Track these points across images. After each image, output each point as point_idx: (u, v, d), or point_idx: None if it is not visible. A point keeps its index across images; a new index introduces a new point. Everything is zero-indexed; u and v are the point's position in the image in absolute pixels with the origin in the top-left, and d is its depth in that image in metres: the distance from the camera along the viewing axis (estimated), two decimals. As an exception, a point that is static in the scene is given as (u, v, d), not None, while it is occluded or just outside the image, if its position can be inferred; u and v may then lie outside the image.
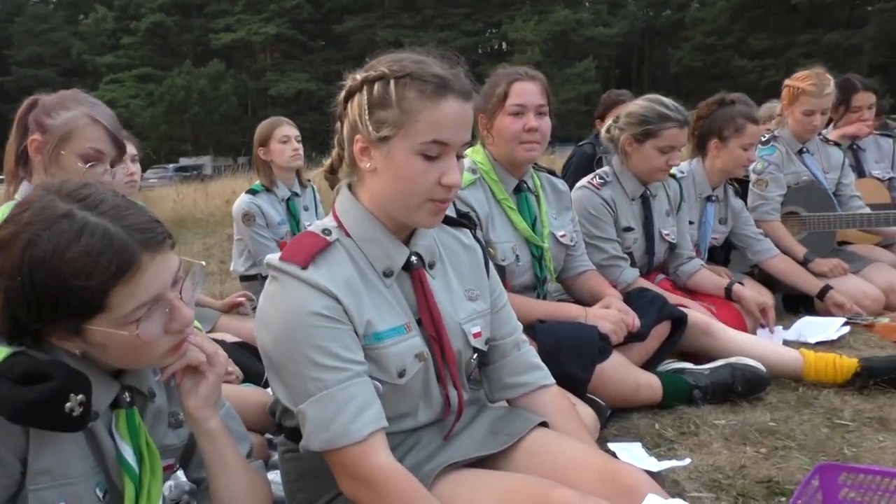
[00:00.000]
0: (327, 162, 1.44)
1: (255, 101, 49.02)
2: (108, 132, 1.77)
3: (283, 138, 3.44)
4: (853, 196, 3.65)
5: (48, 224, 1.01)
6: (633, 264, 2.77)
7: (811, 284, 3.23)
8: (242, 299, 3.03)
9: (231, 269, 3.86)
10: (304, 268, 1.25)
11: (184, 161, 36.41)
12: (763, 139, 3.51)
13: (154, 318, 1.07)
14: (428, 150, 1.25)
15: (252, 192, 3.51)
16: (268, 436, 2.18)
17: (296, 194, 3.60)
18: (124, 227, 1.03)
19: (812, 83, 3.42)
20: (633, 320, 2.22)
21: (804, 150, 3.57)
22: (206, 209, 12.13)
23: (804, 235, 3.49)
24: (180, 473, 1.83)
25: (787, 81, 3.56)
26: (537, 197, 2.34)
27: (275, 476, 1.59)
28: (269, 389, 2.26)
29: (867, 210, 3.60)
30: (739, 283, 2.98)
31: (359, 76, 1.31)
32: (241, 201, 3.50)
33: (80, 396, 1.03)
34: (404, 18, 46.29)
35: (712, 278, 2.98)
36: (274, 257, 1.30)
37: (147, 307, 1.05)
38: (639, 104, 2.76)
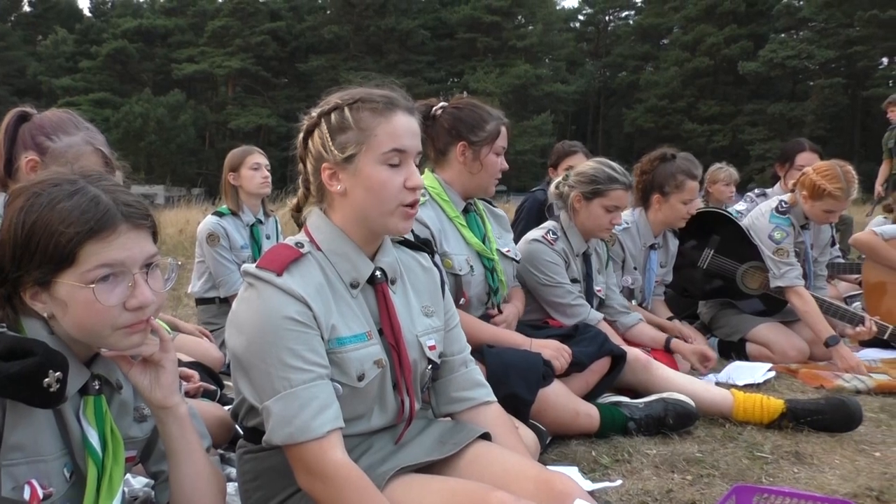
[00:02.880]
0: (293, 201, 1.57)
1: (214, 134, 48.77)
2: (104, 159, 1.84)
3: (255, 165, 3.59)
4: (820, 276, 3.82)
5: (55, 184, 1.17)
6: None
7: (824, 330, 3.33)
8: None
9: (189, 290, 3.90)
10: (280, 275, 1.37)
11: (135, 189, 35.65)
12: (781, 209, 3.56)
13: (116, 285, 1.16)
14: (390, 159, 1.42)
15: (219, 214, 3.61)
16: (220, 451, 2.24)
17: (259, 221, 3.71)
18: (113, 198, 1.18)
19: (839, 187, 3.35)
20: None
21: (806, 225, 3.64)
22: (159, 238, 11.97)
23: (760, 292, 3.68)
24: (134, 481, 1.89)
25: (812, 175, 3.44)
26: (481, 217, 2.52)
27: (230, 488, 1.66)
28: (226, 407, 2.34)
29: (827, 291, 3.80)
30: (678, 337, 3.13)
31: (314, 113, 1.48)
32: (207, 222, 3.59)
33: (58, 373, 1.11)
34: (368, 62, 46.94)
35: (651, 332, 3.13)
36: (251, 266, 1.42)
37: (110, 269, 1.15)
38: (589, 165, 2.96)
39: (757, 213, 3.69)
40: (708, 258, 3.82)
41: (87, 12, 56.95)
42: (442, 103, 2.44)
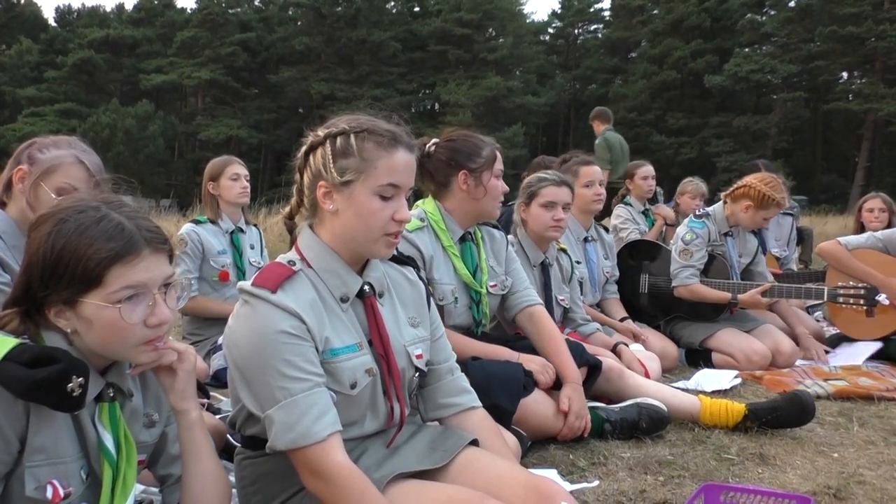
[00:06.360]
0: (286, 209, 1.66)
1: (184, 145, 48.28)
2: (88, 173, 1.91)
3: (234, 176, 3.68)
4: (760, 273, 4.02)
5: (80, 210, 1.25)
6: None
7: (722, 297, 3.71)
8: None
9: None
10: (274, 292, 1.46)
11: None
12: (698, 214, 3.91)
13: (138, 304, 1.25)
14: (384, 192, 1.51)
15: (196, 221, 3.69)
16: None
17: (240, 229, 3.78)
18: (136, 224, 1.26)
19: (783, 196, 3.70)
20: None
21: (730, 233, 3.90)
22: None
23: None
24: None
25: (759, 186, 3.70)
26: (478, 247, 2.60)
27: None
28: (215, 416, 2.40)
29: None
30: (624, 343, 3.27)
31: (321, 132, 1.56)
32: (182, 229, 3.67)
33: (80, 379, 1.20)
34: (340, 73, 46.93)
35: (603, 339, 3.28)
36: (246, 283, 1.50)
37: (134, 290, 1.24)
38: (525, 180, 3.16)
39: (681, 224, 4.00)
40: (647, 282, 4.12)
41: (52, 22, 56.21)
42: (434, 140, 2.55)
